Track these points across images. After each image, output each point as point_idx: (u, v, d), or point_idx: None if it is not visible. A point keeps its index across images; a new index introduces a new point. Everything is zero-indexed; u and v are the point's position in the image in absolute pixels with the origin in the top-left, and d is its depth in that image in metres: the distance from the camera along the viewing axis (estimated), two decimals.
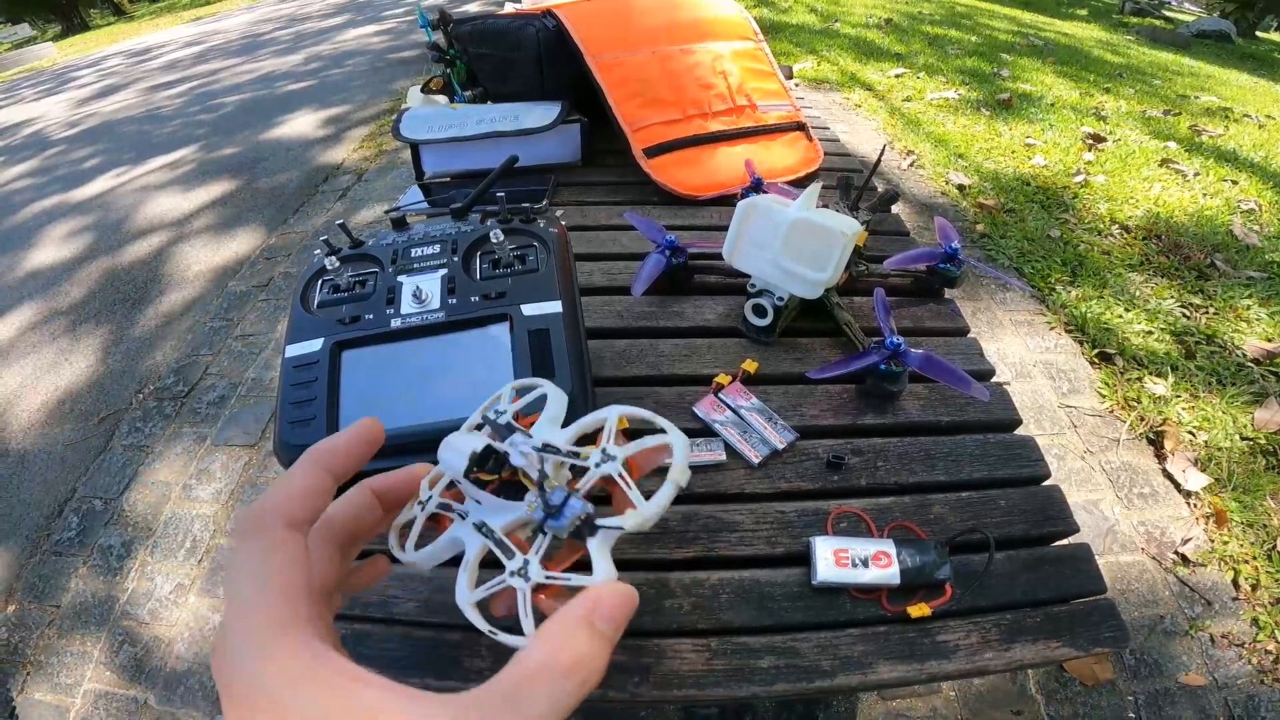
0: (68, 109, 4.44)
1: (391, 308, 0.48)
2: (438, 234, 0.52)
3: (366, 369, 0.46)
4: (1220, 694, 0.95)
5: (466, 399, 0.44)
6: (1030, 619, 0.42)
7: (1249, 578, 1.07)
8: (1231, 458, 1.26)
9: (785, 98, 0.93)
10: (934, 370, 0.51)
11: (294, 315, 0.49)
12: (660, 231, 0.65)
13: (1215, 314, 1.61)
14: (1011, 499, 0.49)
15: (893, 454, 0.51)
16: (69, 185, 2.84)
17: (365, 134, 2.94)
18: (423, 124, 0.86)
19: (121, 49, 7.08)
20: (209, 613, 1.11)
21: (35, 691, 1.03)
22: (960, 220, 2.04)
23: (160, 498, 1.31)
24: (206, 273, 2.03)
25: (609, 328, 0.63)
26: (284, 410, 0.45)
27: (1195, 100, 3.27)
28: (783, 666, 0.40)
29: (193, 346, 1.71)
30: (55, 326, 1.88)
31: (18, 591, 1.18)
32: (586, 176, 0.91)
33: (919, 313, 0.65)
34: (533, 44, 0.85)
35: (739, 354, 0.59)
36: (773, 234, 0.54)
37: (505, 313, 0.46)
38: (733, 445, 0.50)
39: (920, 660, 0.40)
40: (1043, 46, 4.10)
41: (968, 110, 2.83)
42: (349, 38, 5.14)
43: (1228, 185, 2.24)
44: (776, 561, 0.45)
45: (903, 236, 0.78)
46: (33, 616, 1.13)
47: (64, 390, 1.63)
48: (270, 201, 2.41)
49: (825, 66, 3.41)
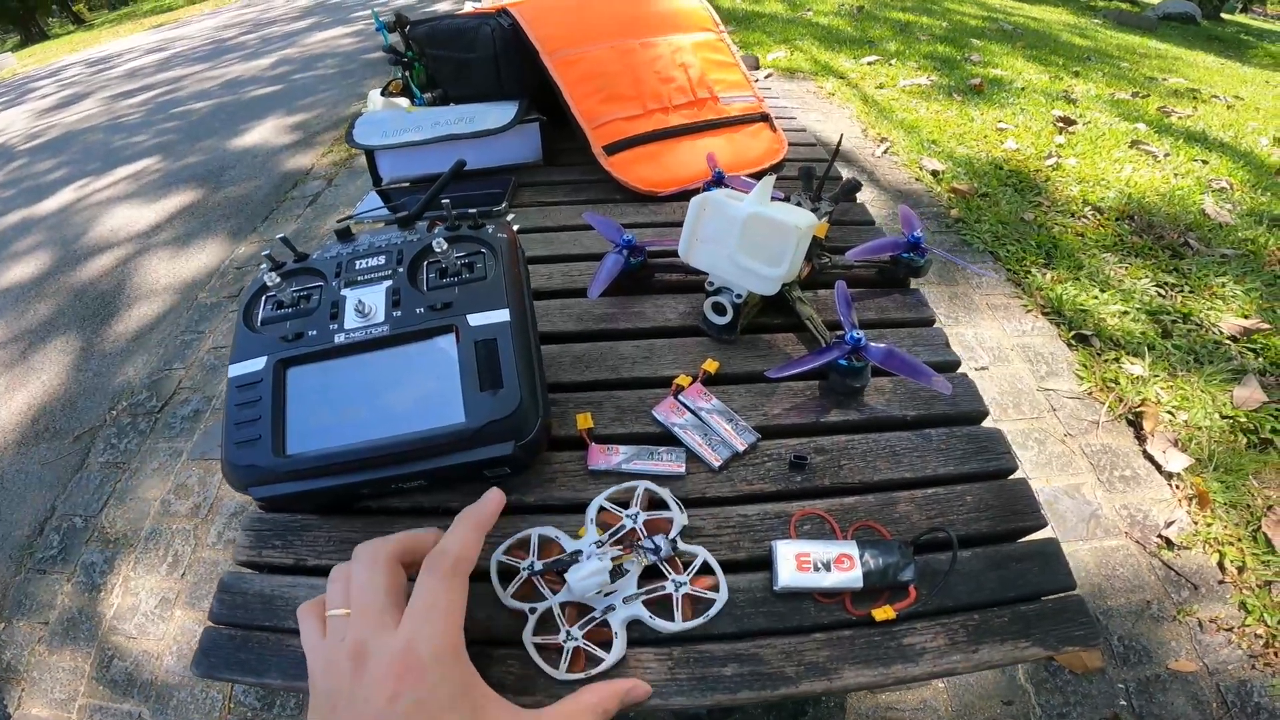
0: (29, 120, 4.34)
1: (335, 323, 0.46)
2: (383, 244, 0.51)
3: (311, 386, 0.45)
4: (1211, 679, 0.94)
5: (413, 413, 0.43)
6: (998, 618, 0.41)
7: (1234, 560, 1.07)
8: (1211, 437, 1.26)
9: (748, 88, 0.92)
10: (895, 364, 0.50)
11: (237, 334, 0.48)
12: (618, 231, 0.63)
13: (1191, 293, 1.62)
14: (978, 494, 0.48)
15: (857, 452, 0.50)
16: (32, 199, 2.78)
17: (334, 138, 2.89)
18: (377, 129, 0.84)
19: (82, 58, 6.94)
20: (195, 626, 1.10)
21: (33, 707, 1.03)
22: (934, 206, 2.04)
23: (139, 513, 1.30)
24: (175, 285, 1.99)
25: (567, 331, 0.61)
26: (229, 431, 0.44)
27: (1163, 82, 3.31)
28: (746, 674, 0.39)
29: (164, 360, 1.68)
30: (24, 344, 1.84)
31: (6, 609, 1.17)
32: (548, 176, 0.89)
33: (884, 304, 0.64)
34: (488, 43, 0.83)
35: (701, 353, 0.57)
36: (727, 230, 0.52)
37: (451, 324, 0.45)
38: (693, 449, 0.48)
39: (886, 664, 0.39)
40: (1012, 31, 4.12)
41: (939, 96, 2.84)
42: (316, 40, 5.07)
43: (1198, 165, 2.26)
44: (739, 567, 0.44)
45: (868, 226, 0.77)
46: (22, 633, 1.13)
47: (37, 409, 1.60)
48: (238, 210, 2.37)
49: (798, 56, 3.41)
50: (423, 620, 0.31)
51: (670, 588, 0.41)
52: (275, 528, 0.47)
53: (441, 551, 0.34)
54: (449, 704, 0.29)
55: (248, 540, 0.47)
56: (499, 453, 0.42)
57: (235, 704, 1.00)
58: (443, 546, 0.35)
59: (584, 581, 0.39)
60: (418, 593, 0.32)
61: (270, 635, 0.42)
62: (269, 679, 0.40)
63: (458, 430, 0.41)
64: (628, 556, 0.41)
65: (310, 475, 0.42)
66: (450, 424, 0.41)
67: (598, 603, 0.41)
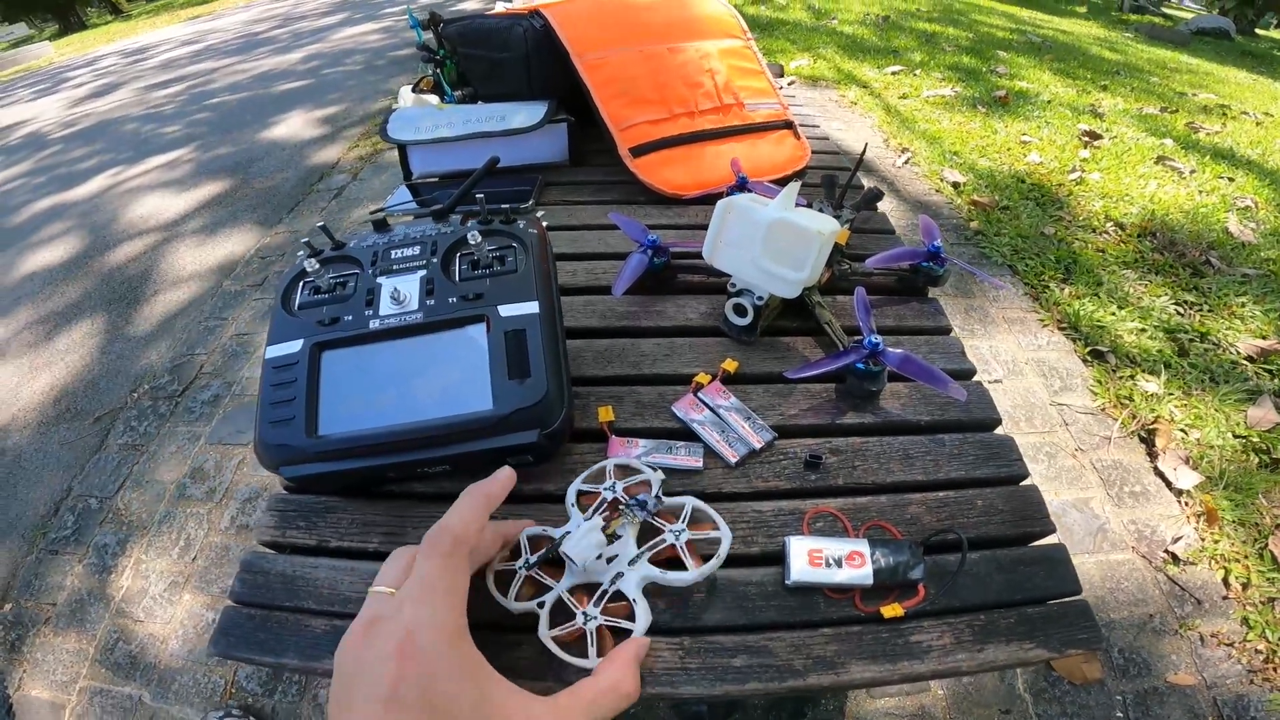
0: (64, 109, 4.45)
1: (370, 309, 0.48)
2: (418, 235, 0.52)
3: (345, 369, 0.47)
4: (1209, 693, 0.95)
5: (442, 399, 0.44)
6: (1004, 620, 0.42)
7: (1239, 576, 1.07)
8: (1224, 456, 1.26)
9: (773, 96, 0.93)
10: (911, 369, 0.51)
11: (275, 317, 0.50)
12: (642, 231, 0.65)
13: (1209, 311, 1.61)
14: (989, 499, 0.48)
15: (871, 453, 0.51)
16: (65, 185, 2.85)
17: (360, 133, 2.94)
18: (410, 125, 0.86)
19: (118, 48, 7.08)
20: (203, 610, 1.12)
21: (32, 689, 1.04)
22: (954, 218, 2.04)
23: (155, 496, 1.32)
24: (201, 272, 2.04)
25: (591, 327, 0.63)
26: (264, 410, 0.46)
27: (1193, 97, 3.27)
28: (756, 665, 0.40)
29: (187, 345, 1.72)
30: (51, 326, 1.88)
31: (14, 590, 1.19)
32: (574, 176, 0.91)
33: (902, 311, 0.65)
34: (520, 44, 0.85)
35: (720, 353, 0.59)
36: (751, 234, 0.54)
37: (483, 314, 0.47)
38: (710, 445, 0.50)
39: (893, 661, 0.40)
40: (1040, 44, 4.09)
41: (963, 108, 2.83)
42: (345, 36, 5.14)
43: (1224, 182, 2.24)
44: (752, 561, 0.45)
45: (888, 235, 0.78)
46: (29, 614, 1.14)
47: (60, 389, 1.64)
48: (265, 201, 2.41)
49: (821, 64, 3.41)
50: (421, 604, 0.30)
51: (670, 538, 0.42)
52: (300, 509, 0.48)
53: (441, 530, 0.34)
54: (454, 689, 0.28)
55: (271, 520, 0.48)
56: (524, 440, 0.43)
57: (237, 689, 1.01)
58: (444, 524, 0.34)
59: (581, 544, 0.39)
60: (415, 575, 0.32)
61: (289, 616, 0.42)
62: (286, 659, 0.40)
63: (485, 417, 0.43)
64: (616, 521, 0.42)
65: (340, 456, 0.44)
66: (478, 410, 0.43)
67: (604, 574, 0.40)
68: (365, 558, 0.46)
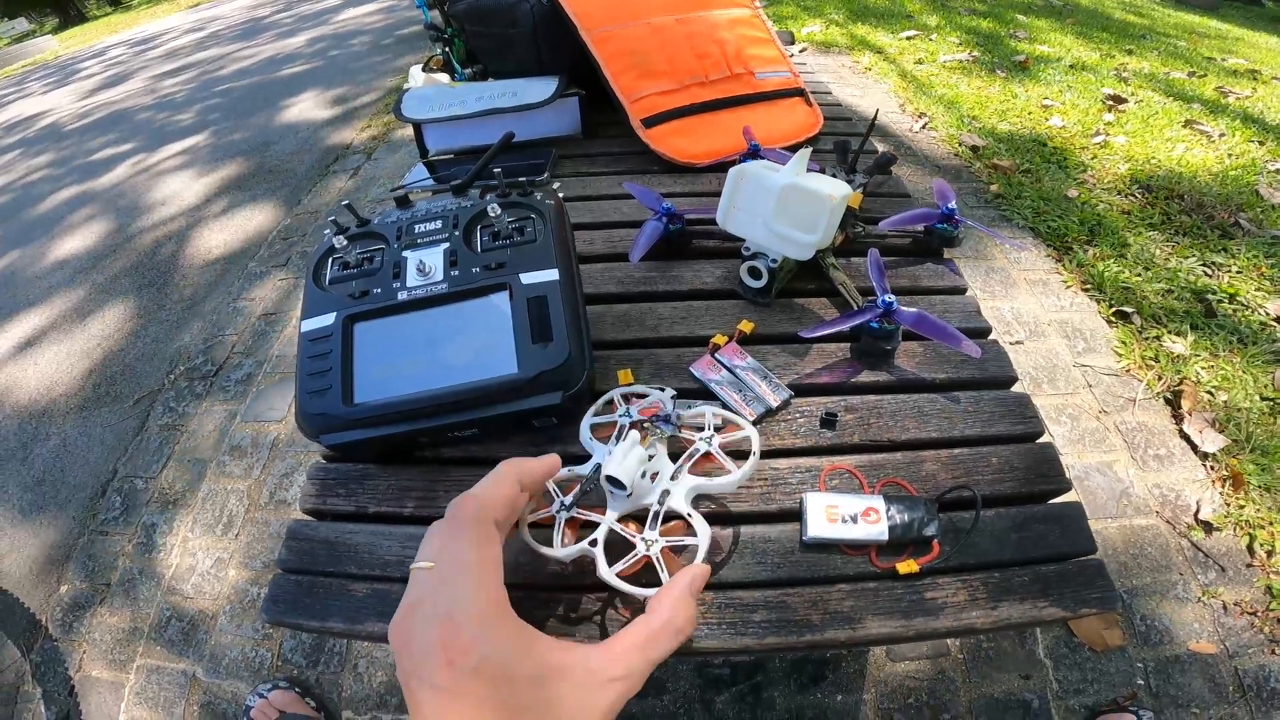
0: (77, 100, 4.49)
1: (398, 281, 0.50)
2: (439, 210, 0.54)
3: (377, 340, 0.49)
4: (1231, 662, 0.94)
5: (470, 365, 0.46)
6: (1019, 578, 0.42)
7: (1264, 544, 1.05)
8: (1251, 419, 1.24)
9: (784, 64, 0.92)
10: (925, 327, 0.52)
11: (307, 292, 0.52)
12: (657, 199, 0.66)
13: (1239, 273, 1.57)
14: (1004, 456, 0.49)
15: (886, 411, 0.52)
16: (87, 175, 2.89)
17: (372, 113, 2.94)
18: (423, 104, 0.87)
19: (123, 39, 7.12)
20: (248, 585, 1.15)
21: (92, 669, 1.07)
22: (973, 181, 2.01)
23: (196, 475, 1.36)
24: (226, 254, 2.07)
25: (610, 293, 0.64)
26: (302, 382, 0.48)
27: (1222, 63, 3.15)
28: (774, 620, 0.41)
29: (218, 326, 1.76)
30: (85, 313, 1.93)
31: (69, 571, 1.23)
32: (588, 148, 0.91)
33: (917, 272, 0.66)
34: (528, 20, 0.85)
35: (736, 315, 0.60)
36: (764, 199, 0.54)
37: (505, 282, 0.48)
38: (728, 404, 0.51)
39: (908, 617, 0.41)
40: (1062, 8, 3.95)
41: (982, 72, 2.75)
42: (347, 17, 5.12)
43: (1254, 146, 2.16)
44: (770, 518, 0.46)
45: (904, 198, 0.77)
46: (85, 595, 1.18)
47: (99, 375, 1.69)
48: (284, 183, 2.44)
49: (833, 30, 3.33)
50: (455, 585, 0.29)
51: (703, 445, 0.42)
52: (339, 477, 0.51)
53: (465, 497, 0.32)
54: (506, 659, 0.28)
55: (313, 489, 0.50)
56: (547, 402, 0.45)
57: (283, 661, 1.04)
58: (471, 494, 0.33)
59: (625, 463, 0.37)
60: (446, 553, 0.30)
61: (333, 581, 0.44)
62: (331, 623, 0.42)
63: (511, 380, 0.45)
64: (645, 440, 0.40)
65: (376, 423, 0.46)
66: (504, 374, 0.45)
67: (650, 495, 0.39)
68: (401, 521, 0.48)
